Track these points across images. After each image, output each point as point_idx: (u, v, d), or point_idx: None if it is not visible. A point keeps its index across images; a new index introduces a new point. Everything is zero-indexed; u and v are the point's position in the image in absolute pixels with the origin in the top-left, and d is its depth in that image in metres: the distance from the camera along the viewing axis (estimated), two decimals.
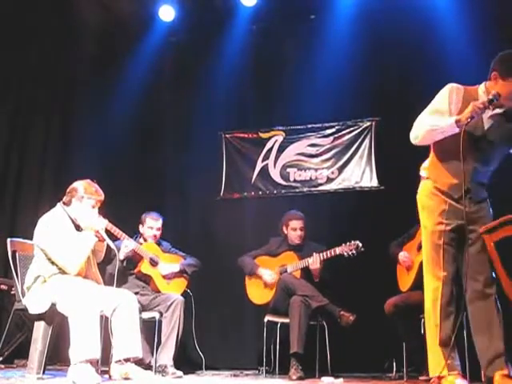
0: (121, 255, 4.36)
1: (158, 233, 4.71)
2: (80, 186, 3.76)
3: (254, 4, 5.61)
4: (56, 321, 3.55)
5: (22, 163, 5.61)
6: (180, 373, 4.13)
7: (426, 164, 3.20)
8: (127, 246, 4.39)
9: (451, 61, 4.80)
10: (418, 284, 3.94)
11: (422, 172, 3.20)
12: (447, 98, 2.98)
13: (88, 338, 3.29)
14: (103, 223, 3.79)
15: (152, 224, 4.70)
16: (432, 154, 3.10)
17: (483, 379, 2.98)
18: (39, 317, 3.57)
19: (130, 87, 5.75)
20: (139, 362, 3.61)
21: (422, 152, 4.69)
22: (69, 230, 3.68)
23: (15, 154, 5.58)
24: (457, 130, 2.85)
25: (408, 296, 4.04)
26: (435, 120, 2.93)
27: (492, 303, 2.92)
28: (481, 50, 4.64)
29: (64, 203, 3.77)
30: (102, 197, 3.79)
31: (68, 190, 3.78)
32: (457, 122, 2.84)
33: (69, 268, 3.57)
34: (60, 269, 3.58)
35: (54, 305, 3.49)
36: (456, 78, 4.68)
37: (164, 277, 4.60)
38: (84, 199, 3.71)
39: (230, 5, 5.66)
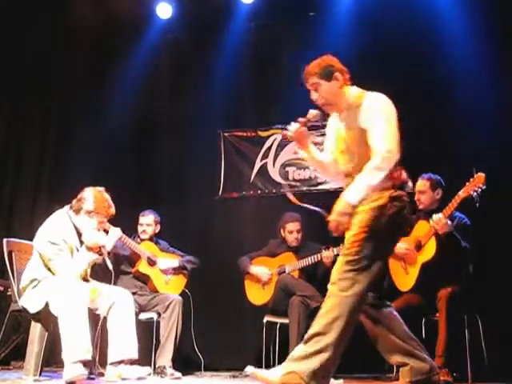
0: (109, 245, 3.97)
1: (149, 228, 4.66)
2: (91, 198, 3.63)
3: (252, 1, 5.58)
4: (52, 322, 3.51)
5: (19, 163, 5.57)
6: (178, 374, 4.11)
7: None
8: (114, 233, 4.10)
9: (452, 59, 4.78)
10: (420, 286, 3.91)
11: None
12: None
13: (77, 339, 3.27)
14: (106, 240, 3.69)
15: (141, 220, 4.69)
16: None
17: None
18: (35, 318, 3.53)
19: (128, 86, 5.71)
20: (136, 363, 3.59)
21: (422, 150, 4.72)
22: (70, 238, 3.61)
23: (12, 154, 5.53)
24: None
25: (408, 299, 3.97)
26: None
27: None
28: (482, 49, 4.63)
29: (72, 208, 3.69)
30: (113, 212, 3.69)
31: (79, 197, 3.67)
32: None
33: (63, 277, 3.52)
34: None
35: (47, 305, 3.45)
36: (456, 76, 4.72)
37: (163, 271, 4.57)
38: (93, 215, 3.62)
39: (228, 2, 5.62)
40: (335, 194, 5.24)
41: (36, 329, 3.54)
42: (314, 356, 2.49)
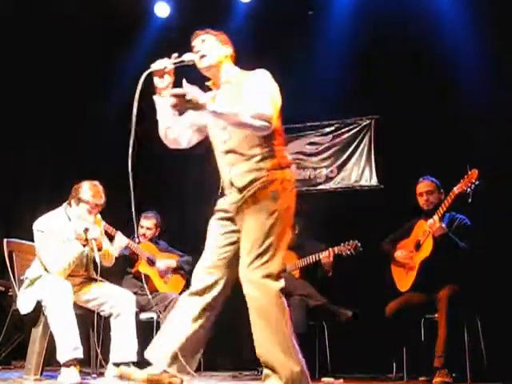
0: (116, 251, 4.18)
1: (149, 232, 4.68)
2: (81, 188, 3.64)
3: (251, 0, 5.56)
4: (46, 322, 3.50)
5: (19, 163, 5.56)
6: None
7: None
8: (121, 239, 4.26)
9: (452, 58, 4.77)
10: (419, 285, 3.92)
11: None
12: None
13: (63, 339, 3.28)
14: (95, 234, 3.65)
15: (142, 222, 4.70)
16: None
17: None
18: (27, 319, 3.55)
19: (126, 84, 5.67)
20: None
21: (421, 150, 4.73)
22: (59, 230, 3.59)
23: (12, 153, 5.52)
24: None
25: (409, 298, 4.00)
26: None
27: None
28: (482, 46, 4.63)
29: (68, 203, 3.70)
30: (101, 201, 3.66)
31: (72, 189, 3.69)
32: None
33: (50, 270, 3.53)
34: (46, 270, 3.55)
35: (38, 306, 3.46)
36: (456, 74, 4.72)
37: (161, 273, 4.58)
38: (81, 203, 3.62)
39: (226, 1, 5.61)
40: (334, 193, 5.37)
41: (37, 328, 3.53)
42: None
